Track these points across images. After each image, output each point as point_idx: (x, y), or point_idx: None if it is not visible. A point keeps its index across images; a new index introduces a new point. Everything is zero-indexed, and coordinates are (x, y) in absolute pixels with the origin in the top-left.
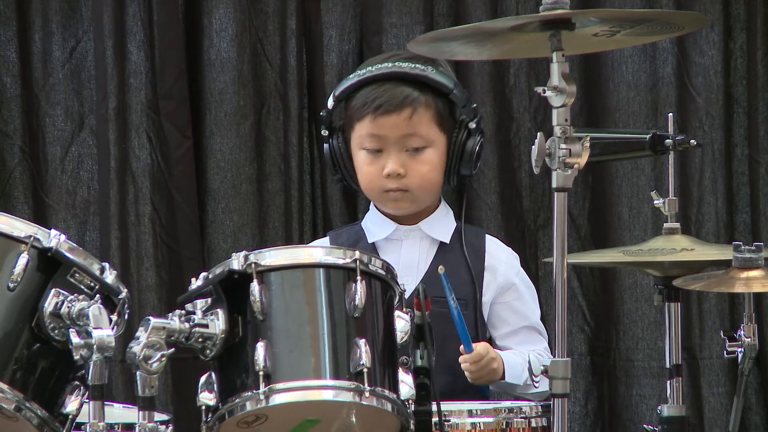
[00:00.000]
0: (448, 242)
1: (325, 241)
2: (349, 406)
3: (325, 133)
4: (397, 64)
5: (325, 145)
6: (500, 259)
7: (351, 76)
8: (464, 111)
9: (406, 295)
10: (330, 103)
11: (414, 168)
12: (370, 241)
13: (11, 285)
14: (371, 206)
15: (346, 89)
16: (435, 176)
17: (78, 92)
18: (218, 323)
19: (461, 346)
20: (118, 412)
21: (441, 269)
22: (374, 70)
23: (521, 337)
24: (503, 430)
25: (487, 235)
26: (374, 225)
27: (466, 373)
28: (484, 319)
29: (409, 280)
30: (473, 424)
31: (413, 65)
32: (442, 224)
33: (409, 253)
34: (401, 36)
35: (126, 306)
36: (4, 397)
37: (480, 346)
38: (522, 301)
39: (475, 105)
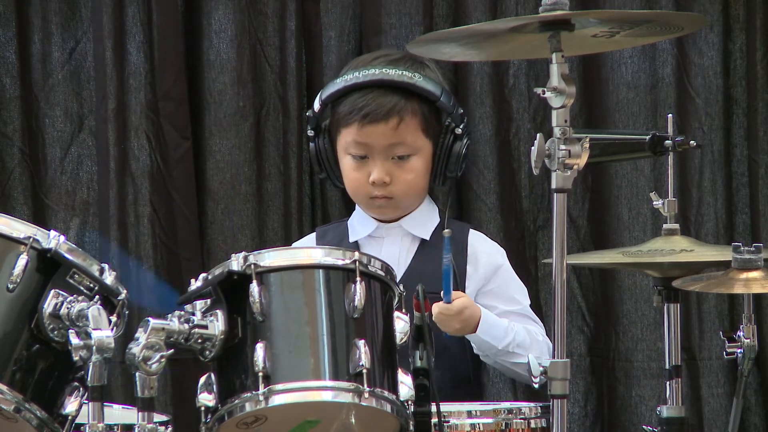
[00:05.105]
0: (428, 239)
1: (311, 237)
2: (349, 407)
3: (311, 133)
4: (384, 70)
5: (311, 145)
6: (482, 251)
7: (338, 80)
8: (451, 116)
9: None
10: (316, 106)
11: (399, 176)
12: (352, 239)
13: (11, 286)
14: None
15: (333, 94)
16: (420, 182)
17: (77, 93)
18: (217, 324)
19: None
20: (118, 413)
21: (446, 233)
22: (361, 76)
23: (512, 319)
24: (502, 431)
25: (471, 230)
26: (358, 223)
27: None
28: None
29: None
30: (472, 425)
31: (401, 72)
32: (424, 221)
33: (389, 250)
34: (401, 37)
35: (125, 307)
36: (4, 398)
37: (458, 302)
38: (507, 288)
39: (462, 110)
